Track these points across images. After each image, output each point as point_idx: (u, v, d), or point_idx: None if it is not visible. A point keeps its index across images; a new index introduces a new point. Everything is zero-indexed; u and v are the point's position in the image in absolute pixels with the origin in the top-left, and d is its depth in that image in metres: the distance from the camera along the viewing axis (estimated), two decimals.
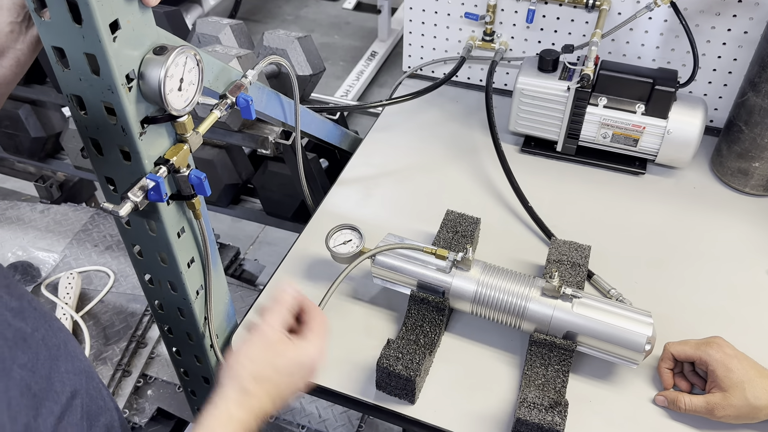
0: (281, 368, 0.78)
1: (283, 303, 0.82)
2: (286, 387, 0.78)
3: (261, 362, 0.77)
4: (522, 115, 1.38)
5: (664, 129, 1.27)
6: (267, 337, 0.79)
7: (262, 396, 0.76)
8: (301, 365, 0.79)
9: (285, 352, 0.78)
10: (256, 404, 0.75)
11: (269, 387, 0.76)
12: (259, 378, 0.76)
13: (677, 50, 1.40)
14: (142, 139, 0.77)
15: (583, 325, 0.96)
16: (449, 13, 1.53)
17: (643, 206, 1.30)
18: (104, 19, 0.67)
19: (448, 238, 1.14)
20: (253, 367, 0.77)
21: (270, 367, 0.77)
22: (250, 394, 0.75)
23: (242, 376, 0.76)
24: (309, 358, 0.80)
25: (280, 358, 0.78)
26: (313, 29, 4.06)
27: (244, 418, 0.73)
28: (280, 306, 0.82)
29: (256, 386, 0.76)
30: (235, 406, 0.74)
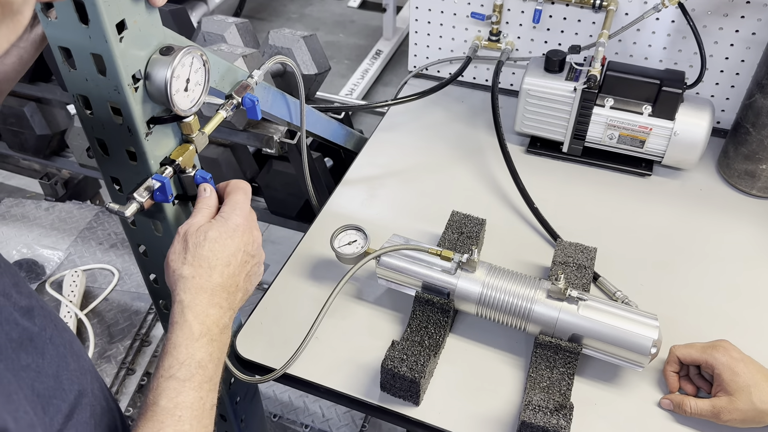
0: (205, 243, 0.76)
1: (203, 203, 0.82)
2: (222, 256, 0.77)
3: (184, 249, 0.76)
4: (528, 116, 1.37)
5: (670, 130, 1.27)
6: (186, 231, 0.78)
7: (201, 273, 0.75)
8: (224, 232, 0.78)
9: (202, 230, 0.77)
10: (199, 282, 0.74)
11: (203, 262, 0.75)
12: (189, 260, 0.75)
13: (684, 51, 1.39)
14: (148, 139, 0.76)
15: (589, 328, 0.96)
16: (455, 12, 1.53)
17: (650, 208, 1.30)
18: (111, 20, 0.67)
19: (453, 239, 1.13)
20: (180, 257, 0.76)
21: (194, 247, 0.76)
22: (187, 276, 0.75)
23: (174, 268, 0.75)
24: (227, 225, 0.78)
25: (198, 237, 0.76)
26: (318, 27, 4.06)
27: (191, 297, 0.73)
28: (199, 206, 0.82)
29: (190, 268, 0.75)
30: (182, 293, 0.74)
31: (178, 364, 0.70)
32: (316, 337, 1.05)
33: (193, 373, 0.70)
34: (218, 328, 0.75)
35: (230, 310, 0.78)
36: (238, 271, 0.79)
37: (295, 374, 1.01)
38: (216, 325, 0.75)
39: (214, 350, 0.73)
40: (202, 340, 0.72)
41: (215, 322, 0.75)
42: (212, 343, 0.73)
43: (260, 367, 1.03)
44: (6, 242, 2.08)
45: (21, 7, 0.49)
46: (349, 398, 0.99)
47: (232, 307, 0.78)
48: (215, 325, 0.75)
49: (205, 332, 0.73)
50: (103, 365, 1.61)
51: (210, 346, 0.73)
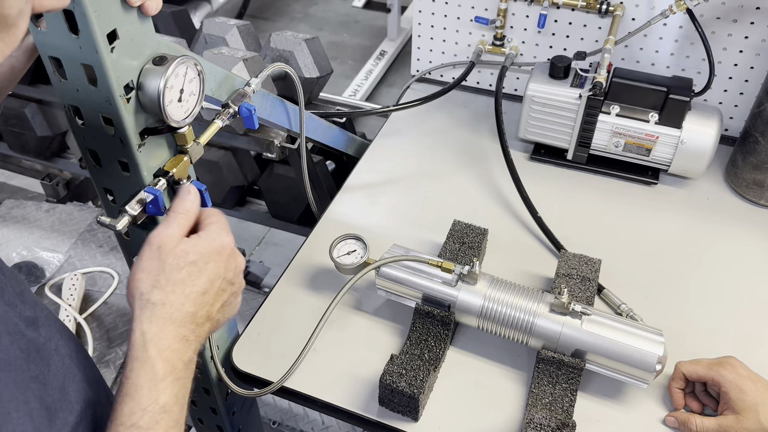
0: (184, 265, 0.68)
1: (181, 206, 0.74)
2: (200, 282, 0.69)
3: (157, 269, 0.68)
4: (532, 122, 1.35)
5: (677, 139, 1.24)
6: (161, 244, 0.69)
7: (173, 300, 0.67)
8: (207, 254, 0.70)
9: (183, 250, 0.69)
10: (168, 311, 0.67)
11: (177, 288, 0.68)
12: (161, 284, 0.67)
13: (692, 57, 1.37)
14: (140, 150, 0.75)
15: (593, 343, 0.93)
16: (459, 16, 1.50)
17: (656, 217, 1.27)
18: (102, 29, 0.65)
19: (455, 249, 1.11)
20: (150, 278, 0.68)
21: (170, 269, 0.68)
22: (156, 303, 0.66)
23: (142, 291, 0.67)
24: (212, 246, 0.71)
25: (177, 257, 0.69)
26: (322, 27, 4.04)
27: (157, 329, 0.66)
28: (177, 210, 0.73)
29: (161, 293, 0.67)
30: (147, 323, 0.66)
31: (140, 411, 0.63)
32: (314, 349, 1.03)
33: (158, 420, 0.63)
34: (183, 364, 0.67)
35: (196, 341, 0.70)
36: (213, 300, 0.71)
37: (292, 387, 0.99)
38: (180, 360, 0.67)
39: (179, 390, 0.66)
40: (167, 381, 0.65)
41: (180, 357, 0.67)
42: (177, 383, 0.66)
43: (257, 380, 1.01)
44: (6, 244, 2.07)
45: (16, 20, 0.48)
46: (346, 413, 0.97)
47: (199, 338, 0.70)
48: (180, 360, 0.67)
49: (170, 371, 0.65)
50: (102, 370, 1.59)
51: (174, 386, 0.66)
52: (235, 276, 0.75)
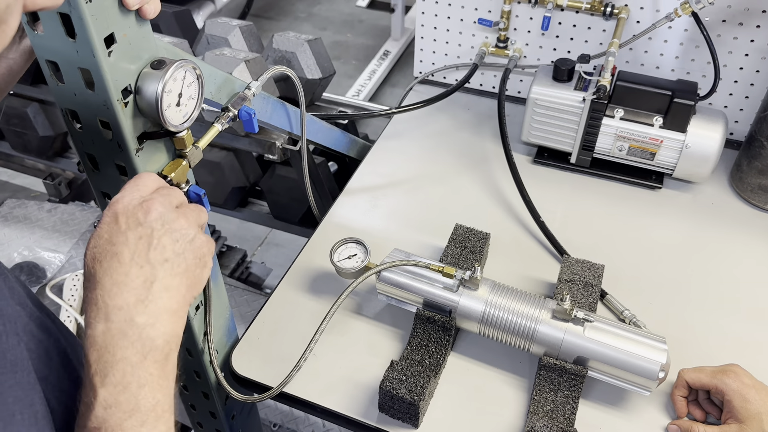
0: (116, 232, 0.63)
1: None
2: (140, 239, 0.63)
3: (93, 245, 0.64)
4: (535, 126, 1.34)
5: (682, 143, 1.23)
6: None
7: (117, 266, 0.62)
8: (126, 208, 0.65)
9: (112, 220, 0.64)
10: (112, 279, 0.62)
11: (111, 257, 0.62)
12: (99, 254, 0.63)
13: (698, 61, 1.35)
14: (138, 155, 0.74)
15: (595, 350, 0.93)
16: (462, 18, 1.49)
17: (660, 222, 1.26)
18: (99, 33, 0.64)
19: (456, 253, 1.10)
20: (91, 252, 0.64)
21: (103, 242, 0.63)
22: (94, 275, 0.62)
23: (86, 265, 0.64)
24: (132, 196, 0.66)
25: (109, 225, 0.64)
26: (326, 27, 4.03)
27: (99, 296, 0.61)
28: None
29: (99, 264, 0.62)
30: (91, 292, 0.62)
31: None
32: (314, 353, 1.03)
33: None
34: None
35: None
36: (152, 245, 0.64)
37: (291, 393, 0.98)
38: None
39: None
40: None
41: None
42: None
43: (256, 385, 1.00)
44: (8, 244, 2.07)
45: (5, 16, 0.47)
46: (346, 419, 0.96)
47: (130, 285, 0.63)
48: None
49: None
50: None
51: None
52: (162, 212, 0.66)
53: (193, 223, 0.68)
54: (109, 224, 0.64)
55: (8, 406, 0.52)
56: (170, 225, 0.65)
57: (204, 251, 0.68)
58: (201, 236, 0.68)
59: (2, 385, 0.52)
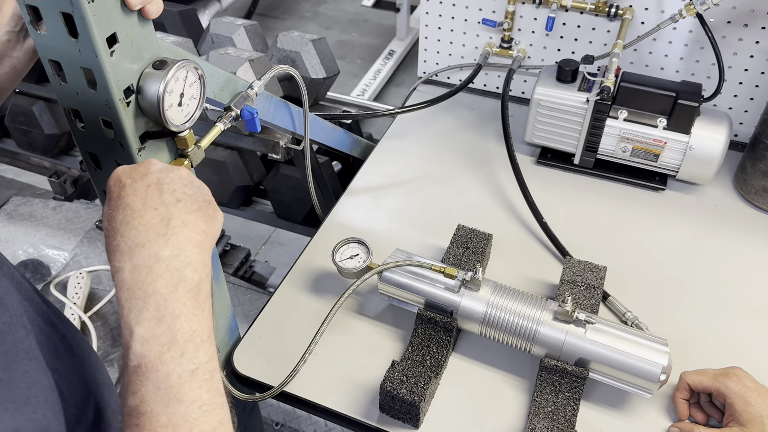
0: (123, 189, 0.64)
1: None
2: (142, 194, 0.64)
3: (106, 209, 0.65)
4: (539, 126, 1.34)
5: (686, 144, 1.23)
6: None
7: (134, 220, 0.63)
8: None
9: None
10: (129, 225, 0.62)
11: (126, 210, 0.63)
12: (112, 210, 0.64)
13: (702, 62, 1.35)
14: (140, 154, 0.74)
15: (596, 352, 0.92)
16: (466, 18, 1.49)
17: (663, 223, 1.26)
18: (101, 33, 0.64)
19: (458, 254, 1.10)
20: (105, 215, 0.65)
21: (113, 201, 0.64)
22: (111, 229, 0.63)
23: (104, 229, 0.65)
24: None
25: (114, 188, 0.65)
26: (331, 26, 4.03)
27: (119, 242, 0.62)
28: None
29: (113, 219, 0.63)
30: (111, 243, 0.63)
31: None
32: (315, 353, 1.03)
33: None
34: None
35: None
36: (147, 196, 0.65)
37: (292, 392, 0.98)
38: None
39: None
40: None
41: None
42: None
43: (257, 384, 1.00)
44: (13, 241, 2.08)
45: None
46: (347, 419, 0.96)
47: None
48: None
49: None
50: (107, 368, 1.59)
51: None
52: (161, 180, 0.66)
53: (191, 174, 0.69)
54: (114, 186, 0.64)
55: (22, 390, 0.53)
56: (175, 172, 0.66)
57: (210, 195, 0.69)
58: (203, 184, 0.69)
59: (16, 371, 0.52)
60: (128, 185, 0.64)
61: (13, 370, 0.52)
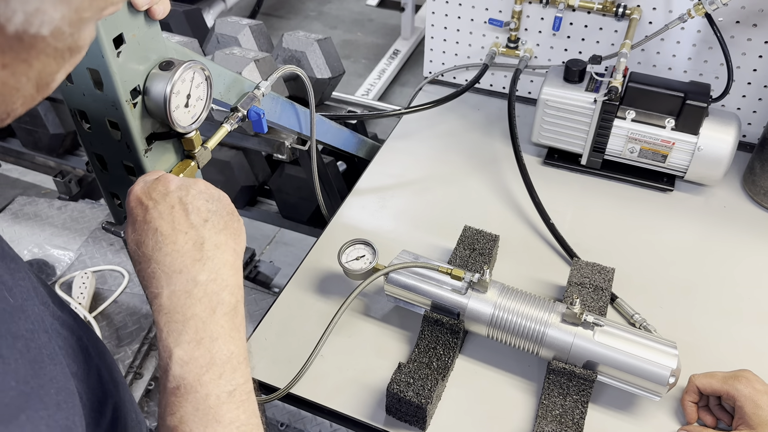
0: (146, 211, 0.65)
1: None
2: (167, 215, 0.65)
3: (130, 232, 0.66)
4: (546, 127, 1.33)
5: (694, 145, 1.22)
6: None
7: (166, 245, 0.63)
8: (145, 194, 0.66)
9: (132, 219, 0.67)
10: (162, 251, 0.63)
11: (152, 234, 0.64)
12: (140, 236, 0.64)
13: (710, 62, 1.34)
14: (147, 156, 0.74)
15: (605, 355, 0.92)
16: (472, 18, 1.48)
17: (671, 224, 1.25)
18: (108, 34, 0.64)
19: (465, 255, 1.10)
20: (131, 240, 0.65)
21: (139, 225, 0.65)
22: (143, 256, 0.64)
23: (132, 253, 0.66)
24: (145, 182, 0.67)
25: (136, 210, 0.66)
26: (336, 26, 4.03)
27: (155, 269, 0.63)
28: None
29: (144, 245, 0.64)
30: (146, 270, 0.64)
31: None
32: (321, 355, 1.02)
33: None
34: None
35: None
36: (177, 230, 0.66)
37: (298, 394, 0.98)
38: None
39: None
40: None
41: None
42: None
43: (263, 385, 1.00)
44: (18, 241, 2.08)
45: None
46: (353, 421, 0.96)
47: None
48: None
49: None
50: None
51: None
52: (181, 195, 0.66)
53: (210, 184, 0.70)
54: (135, 208, 0.65)
55: (52, 396, 0.53)
56: (194, 188, 0.67)
57: (232, 206, 0.70)
58: (222, 192, 0.70)
59: (44, 377, 0.52)
60: (151, 208, 0.64)
61: (41, 376, 0.52)
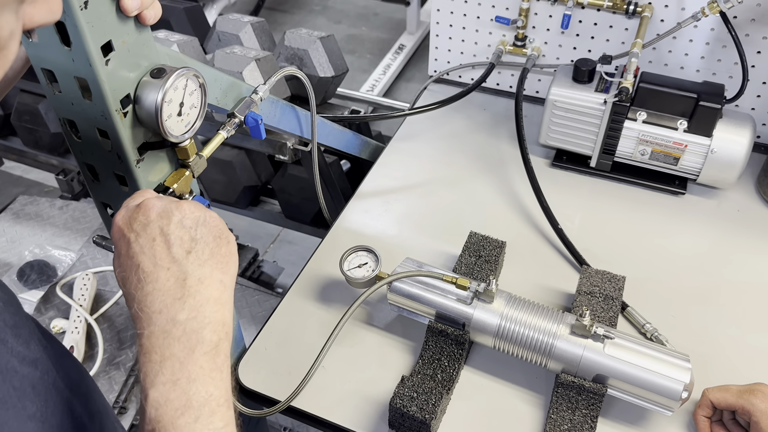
0: (128, 245, 0.62)
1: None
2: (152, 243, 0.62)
3: (116, 266, 0.64)
4: (554, 128, 1.29)
5: (707, 148, 1.18)
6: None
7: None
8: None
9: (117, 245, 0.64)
10: (144, 290, 0.61)
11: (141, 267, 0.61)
12: (124, 273, 0.62)
13: (724, 61, 1.30)
14: (139, 166, 0.71)
15: (615, 368, 0.89)
16: (479, 16, 1.45)
17: (683, 229, 1.22)
18: (96, 41, 0.61)
19: (471, 263, 1.07)
20: (118, 275, 0.63)
21: (122, 260, 0.62)
22: (128, 294, 0.62)
23: (121, 288, 0.63)
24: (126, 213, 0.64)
25: (119, 242, 0.63)
26: (341, 20, 3.99)
27: (137, 309, 0.61)
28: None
29: (128, 282, 0.62)
30: (131, 309, 0.62)
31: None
32: (323, 366, 1.00)
33: None
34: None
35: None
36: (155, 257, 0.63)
37: (299, 407, 0.95)
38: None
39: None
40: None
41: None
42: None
43: (263, 398, 0.97)
44: (19, 241, 2.06)
45: (7, 42, 0.46)
46: None
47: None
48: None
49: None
50: (112, 372, 1.57)
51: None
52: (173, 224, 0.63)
53: (198, 205, 0.66)
54: (119, 241, 0.63)
55: None
56: (176, 214, 0.63)
57: (220, 227, 0.66)
58: (210, 213, 0.66)
59: None
60: (132, 241, 0.62)
61: None
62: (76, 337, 1.74)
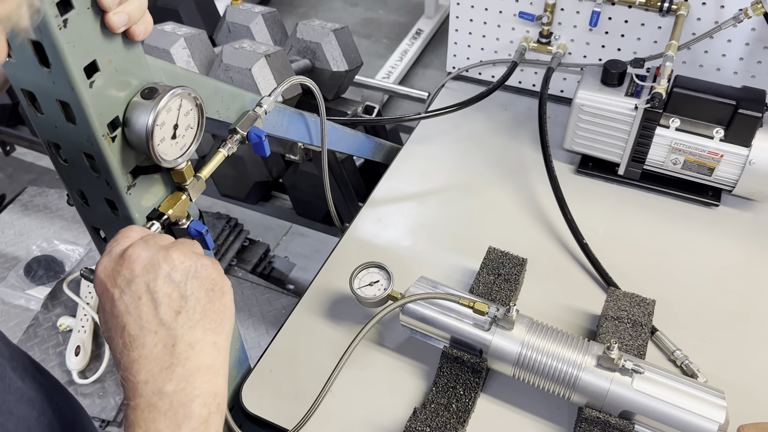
0: (113, 302, 0.56)
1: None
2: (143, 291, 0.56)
3: (102, 321, 0.59)
4: (580, 133, 1.22)
5: (745, 158, 1.10)
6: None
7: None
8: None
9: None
10: (130, 356, 0.55)
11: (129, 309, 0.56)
12: (110, 332, 0.57)
13: (765, 63, 1.21)
14: (130, 192, 0.65)
15: (644, 405, 0.82)
16: (501, 10, 1.36)
17: (716, 244, 1.14)
18: (78, 63, 0.55)
19: (489, 282, 1.00)
20: (104, 330, 0.58)
21: (107, 318, 0.57)
22: (115, 355, 0.57)
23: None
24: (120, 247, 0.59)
25: (103, 297, 0.58)
26: (357, 3, 3.89)
27: (124, 376, 0.56)
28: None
29: (114, 343, 0.56)
30: (118, 372, 0.57)
31: None
32: (331, 391, 0.94)
33: None
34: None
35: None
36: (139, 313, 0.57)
37: None
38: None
39: None
40: None
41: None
42: None
43: (267, 424, 0.92)
44: (27, 234, 2.03)
45: None
46: None
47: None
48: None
49: None
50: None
51: None
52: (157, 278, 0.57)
53: (188, 252, 0.59)
54: (102, 295, 0.57)
55: None
56: (164, 267, 0.57)
57: (213, 277, 0.59)
58: (202, 261, 0.59)
59: None
60: (117, 299, 0.56)
61: None
62: (83, 336, 1.71)
